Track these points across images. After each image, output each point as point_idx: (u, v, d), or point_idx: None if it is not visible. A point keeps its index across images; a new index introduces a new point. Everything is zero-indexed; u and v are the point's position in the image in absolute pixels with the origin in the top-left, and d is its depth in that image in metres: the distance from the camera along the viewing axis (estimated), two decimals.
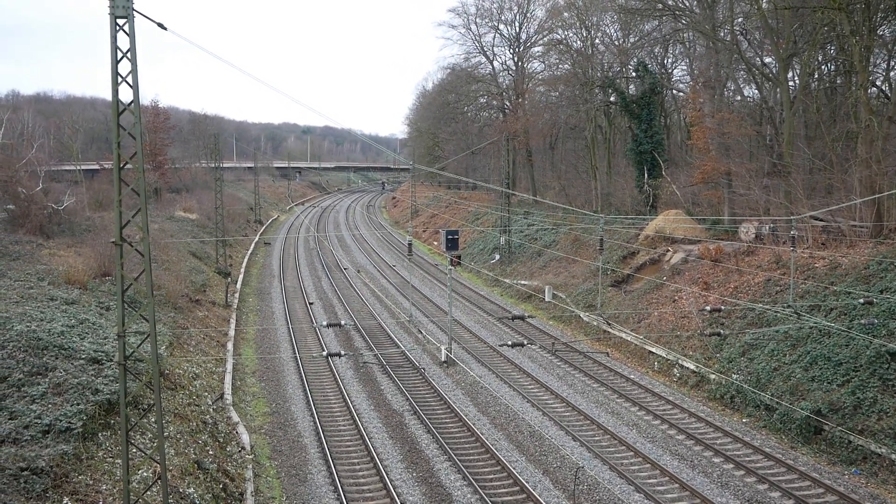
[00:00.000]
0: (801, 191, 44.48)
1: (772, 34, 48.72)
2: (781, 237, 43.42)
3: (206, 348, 40.88)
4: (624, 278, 52.03)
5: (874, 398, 27.99)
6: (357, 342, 46.27)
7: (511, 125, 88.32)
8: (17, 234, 48.81)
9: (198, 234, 74.15)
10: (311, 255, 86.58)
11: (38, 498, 18.31)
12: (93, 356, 26.40)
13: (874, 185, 39.11)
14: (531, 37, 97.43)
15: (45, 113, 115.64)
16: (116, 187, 17.31)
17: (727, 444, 29.79)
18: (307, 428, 32.20)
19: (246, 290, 63.25)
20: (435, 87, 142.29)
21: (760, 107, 56.65)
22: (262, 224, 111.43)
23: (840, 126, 48.49)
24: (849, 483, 26.10)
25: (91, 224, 58.12)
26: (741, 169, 51.62)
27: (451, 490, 26.07)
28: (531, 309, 54.91)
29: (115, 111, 17.11)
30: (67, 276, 39.22)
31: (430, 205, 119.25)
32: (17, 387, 22.98)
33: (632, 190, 66.67)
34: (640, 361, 41.70)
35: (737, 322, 38.19)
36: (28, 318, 29.17)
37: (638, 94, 64.39)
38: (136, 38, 16.89)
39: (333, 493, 25.89)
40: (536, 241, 69.56)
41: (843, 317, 32.67)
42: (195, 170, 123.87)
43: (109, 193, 63.88)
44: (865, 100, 41.06)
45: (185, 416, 28.05)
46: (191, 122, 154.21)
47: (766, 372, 33.17)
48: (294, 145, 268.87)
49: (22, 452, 19.46)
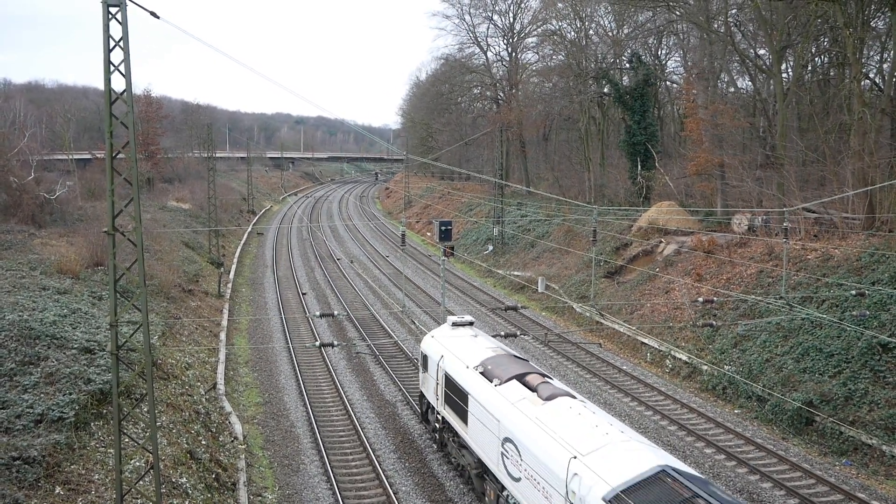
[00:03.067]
0: (793, 183, 44.57)
1: (765, 26, 48.73)
2: (774, 229, 43.52)
3: (198, 338, 40.81)
4: (617, 269, 52.12)
5: (865, 389, 28.14)
6: (350, 332, 46.26)
7: (505, 116, 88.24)
8: (9, 224, 48.66)
9: (190, 223, 73.94)
10: (304, 246, 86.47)
11: (31, 487, 18.28)
12: (85, 346, 26.32)
13: (867, 177, 39.21)
14: (525, 27, 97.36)
15: (36, 102, 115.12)
16: (109, 177, 17.24)
17: (719, 434, 29.92)
18: (300, 418, 32.22)
19: (239, 281, 63.14)
20: (428, 78, 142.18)
21: (754, 98, 56.72)
22: (254, 214, 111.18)
23: (833, 118, 48.58)
24: (840, 474, 26.24)
25: (83, 214, 57.93)
26: (734, 161, 51.72)
27: (444, 480, 26.14)
28: (524, 300, 54.96)
29: (108, 100, 17.02)
30: (60, 265, 39.08)
31: (423, 195, 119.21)
32: (9, 376, 22.92)
33: (625, 181, 66.73)
34: (633, 352, 41.80)
35: (729, 313, 38.30)
36: (20, 307, 29.09)
37: (632, 85, 64.36)
38: (129, 27, 16.78)
39: (326, 483, 25.94)
40: (530, 232, 69.60)
41: (834, 308, 32.80)
42: (188, 159, 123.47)
43: (102, 183, 63.69)
44: (859, 92, 41.10)
45: (177, 405, 28.02)
46: (183, 111, 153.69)
47: (758, 363, 33.29)
48: (287, 135, 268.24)
49: (14, 442, 19.42)
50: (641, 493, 15.63)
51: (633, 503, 15.34)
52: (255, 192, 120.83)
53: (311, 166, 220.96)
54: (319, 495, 25.12)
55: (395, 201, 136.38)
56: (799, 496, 24.36)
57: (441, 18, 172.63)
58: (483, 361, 24.85)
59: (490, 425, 22.16)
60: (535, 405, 20.80)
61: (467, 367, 25.13)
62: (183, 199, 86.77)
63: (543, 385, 21.74)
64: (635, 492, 15.65)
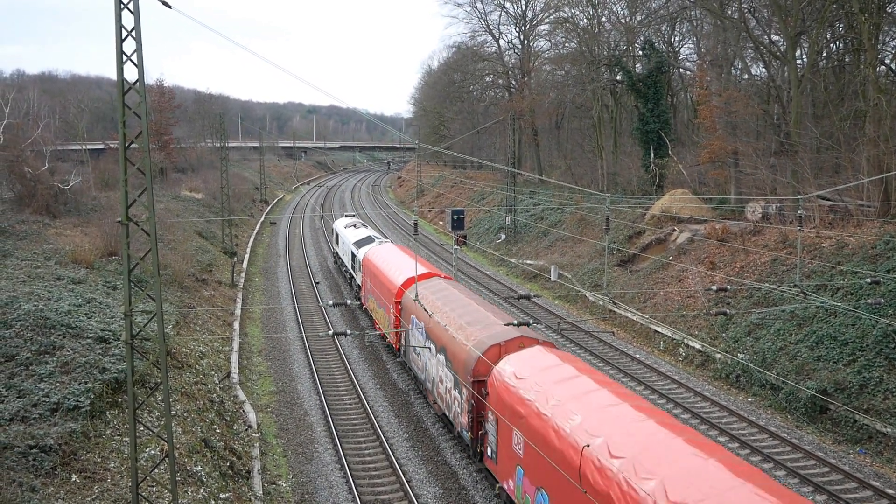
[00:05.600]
0: (808, 170, 44.24)
1: (780, 12, 48.29)
2: (788, 217, 43.26)
3: (212, 327, 41.00)
4: (630, 258, 51.96)
5: (880, 378, 28.00)
6: (363, 321, 46.36)
7: (517, 104, 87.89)
8: (24, 214, 48.87)
9: (203, 213, 74.18)
10: (316, 235, 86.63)
11: (47, 475, 18.46)
12: (100, 335, 26.50)
13: (882, 164, 38.89)
14: (537, 15, 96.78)
15: (50, 92, 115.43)
16: (122, 167, 17.29)
17: (732, 423, 29.86)
18: (313, 406, 32.36)
19: (252, 270, 63.36)
20: (440, 66, 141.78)
21: (768, 85, 56.23)
22: (267, 204, 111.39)
23: (848, 105, 48.13)
24: (854, 462, 26.16)
25: (97, 203, 58.14)
26: (748, 148, 51.36)
27: (457, 469, 26.21)
28: (537, 288, 54.93)
29: (121, 90, 17.05)
30: (74, 255, 39.29)
31: (435, 184, 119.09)
32: (26, 365, 23.12)
33: (638, 169, 66.41)
34: (646, 341, 41.73)
35: (743, 301, 38.16)
36: (35, 297, 29.30)
37: (644, 72, 63.92)
38: (141, 17, 16.79)
39: (340, 471, 26.06)
40: (542, 220, 69.45)
41: (849, 296, 32.61)
42: (200, 149, 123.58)
43: (115, 173, 63.87)
44: (874, 78, 40.74)
45: (191, 394, 28.19)
46: (196, 101, 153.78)
47: (771, 351, 33.18)
48: (299, 125, 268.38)
49: (31, 430, 19.60)
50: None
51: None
52: (268, 182, 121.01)
53: (324, 155, 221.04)
54: (333, 483, 25.24)
55: (407, 190, 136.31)
56: (813, 484, 24.29)
57: (453, 6, 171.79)
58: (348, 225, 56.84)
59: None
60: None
61: (345, 227, 57.30)
62: (196, 188, 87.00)
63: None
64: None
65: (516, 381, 21.26)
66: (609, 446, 16.21)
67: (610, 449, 16.12)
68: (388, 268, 39.98)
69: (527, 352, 23.30)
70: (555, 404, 18.95)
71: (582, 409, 18.21)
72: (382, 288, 39.06)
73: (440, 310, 29.42)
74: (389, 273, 38.93)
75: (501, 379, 22.02)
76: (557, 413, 18.53)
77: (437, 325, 28.12)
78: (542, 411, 19.09)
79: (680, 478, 14.42)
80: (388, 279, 38.25)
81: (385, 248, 46.01)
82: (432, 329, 28.77)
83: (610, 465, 15.71)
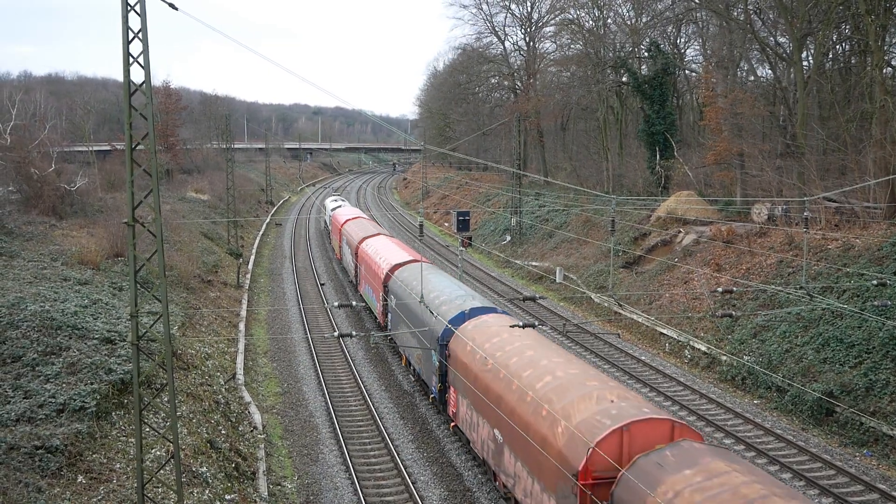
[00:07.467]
0: (814, 172, 44.14)
1: (786, 13, 48.18)
2: (794, 218, 43.14)
3: (218, 329, 41.08)
4: (635, 259, 51.89)
5: (886, 380, 27.90)
6: (368, 323, 46.40)
7: (522, 106, 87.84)
8: (30, 215, 49.03)
9: (209, 214, 74.32)
10: (321, 237, 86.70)
11: (53, 476, 18.51)
12: (106, 336, 26.57)
13: (888, 165, 38.78)
14: (543, 16, 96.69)
15: (57, 94, 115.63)
16: (128, 168, 17.34)
17: (738, 425, 29.79)
18: (319, 408, 32.39)
19: (257, 271, 63.45)
20: (446, 68, 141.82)
21: (774, 87, 56.10)
22: (273, 205, 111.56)
23: (854, 106, 47.98)
24: (860, 464, 26.08)
25: (103, 205, 58.32)
26: (754, 150, 51.22)
27: (462, 470, 26.21)
28: (542, 290, 54.90)
29: (127, 92, 17.09)
30: (80, 256, 39.40)
31: (440, 186, 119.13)
32: (32, 366, 23.18)
33: (643, 171, 66.32)
34: (651, 343, 41.67)
35: (748, 303, 38.08)
36: (42, 298, 29.36)
37: (650, 74, 63.85)
38: (148, 18, 16.84)
39: (345, 473, 26.08)
40: (547, 222, 69.42)
41: (855, 298, 32.52)
42: (206, 151, 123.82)
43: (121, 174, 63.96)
44: (880, 79, 40.62)
45: (197, 395, 28.23)
46: (202, 102, 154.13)
47: (777, 353, 33.09)
48: (305, 126, 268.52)
49: (37, 431, 19.66)
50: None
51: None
52: (274, 183, 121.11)
53: (329, 157, 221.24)
54: (338, 485, 25.26)
55: (412, 192, 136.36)
56: (819, 487, 24.22)
57: (458, 8, 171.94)
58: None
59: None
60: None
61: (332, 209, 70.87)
62: (202, 190, 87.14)
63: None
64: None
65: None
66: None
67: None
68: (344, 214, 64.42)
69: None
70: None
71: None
72: (341, 232, 62.76)
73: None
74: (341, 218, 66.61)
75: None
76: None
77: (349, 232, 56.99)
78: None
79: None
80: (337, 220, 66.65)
81: (346, 209, 73.14)
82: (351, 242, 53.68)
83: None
